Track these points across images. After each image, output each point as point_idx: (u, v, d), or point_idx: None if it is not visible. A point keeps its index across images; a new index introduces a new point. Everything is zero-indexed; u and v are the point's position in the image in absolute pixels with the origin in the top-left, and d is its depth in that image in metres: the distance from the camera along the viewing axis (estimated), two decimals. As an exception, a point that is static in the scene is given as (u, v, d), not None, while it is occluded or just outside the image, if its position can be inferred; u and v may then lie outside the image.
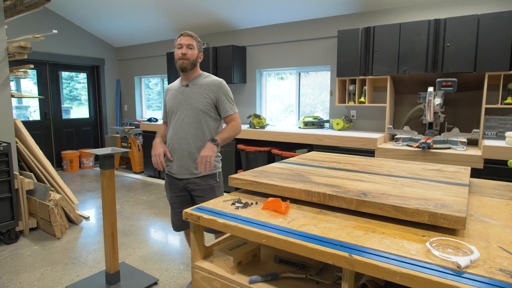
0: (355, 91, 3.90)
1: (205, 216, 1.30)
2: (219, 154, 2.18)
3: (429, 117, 3.23)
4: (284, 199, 1.41)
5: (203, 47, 5.33)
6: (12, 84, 5.80)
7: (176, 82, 2.21)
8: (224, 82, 2.13)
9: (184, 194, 2.16)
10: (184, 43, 2.05)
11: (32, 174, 3.55)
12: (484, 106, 3.19)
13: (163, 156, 2.06)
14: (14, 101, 5.96)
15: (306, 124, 4.43)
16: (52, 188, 3.56)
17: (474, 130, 3.17)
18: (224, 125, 2.16)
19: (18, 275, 2.57)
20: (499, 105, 3.15)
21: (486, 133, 3.30)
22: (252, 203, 1.43)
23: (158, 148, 2.08)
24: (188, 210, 1.37)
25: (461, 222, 1.07)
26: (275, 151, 4.17)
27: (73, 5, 5.53)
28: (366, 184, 1.46)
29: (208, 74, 2.18)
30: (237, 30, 5.22)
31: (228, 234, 1.57)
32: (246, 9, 4.62)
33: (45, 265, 2.74)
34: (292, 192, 1.42)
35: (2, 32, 3.35)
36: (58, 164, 6.35)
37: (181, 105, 2.09)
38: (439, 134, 3.42)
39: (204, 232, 1.46)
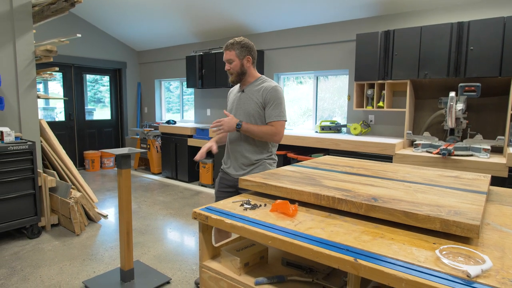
0: (374, 95, 3.84)
1: (213, 216, 1.31)
2: (274, 157, 2.21)
3: (450, 123, 3.13)
4: (293, 201, 1.40)
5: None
6: (41, 86, 6.06)
7: (237, 87, 2.25)
8: (277, 88, 2.07)
9: (232, 191, 2.20)
10: (225, 59, 2.09)
11: (54, 172, 3.69)
12: (510, 112, 3.06)
13: (206, 149, 2.13)
14: (42, 102, 6.23)
15: (323, 129, 4.38)
16: (73, 186, 3.68)
17: (498, 137, 3.04)
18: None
19: (38, 269, 2.67)
20: (525, 111, 3.02)
21: (512, 140, 3.16)
22: (260, 205, 1.43)
23: (207, 142, 2.18)
24: (197, 210, 1.38)
25: (475, 230, 1.03)
26: (290, 155, 4.15)
27: (97, 10, 5.73)
28: (377, 189, 1.42)
29: (266, 79, 2.16)
30: (255, 33, 5.25)
31: (236, 235, 1.57)
32: (264, 13, 4.65)
33: (64, 260, 2.83)
34: (301, 195, 1.41)
35: (31, 36, 3.51)
36: (80, 163, 6.57)
37: (236, 110, 2.16)
38: (461, 140, 3.31)
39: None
